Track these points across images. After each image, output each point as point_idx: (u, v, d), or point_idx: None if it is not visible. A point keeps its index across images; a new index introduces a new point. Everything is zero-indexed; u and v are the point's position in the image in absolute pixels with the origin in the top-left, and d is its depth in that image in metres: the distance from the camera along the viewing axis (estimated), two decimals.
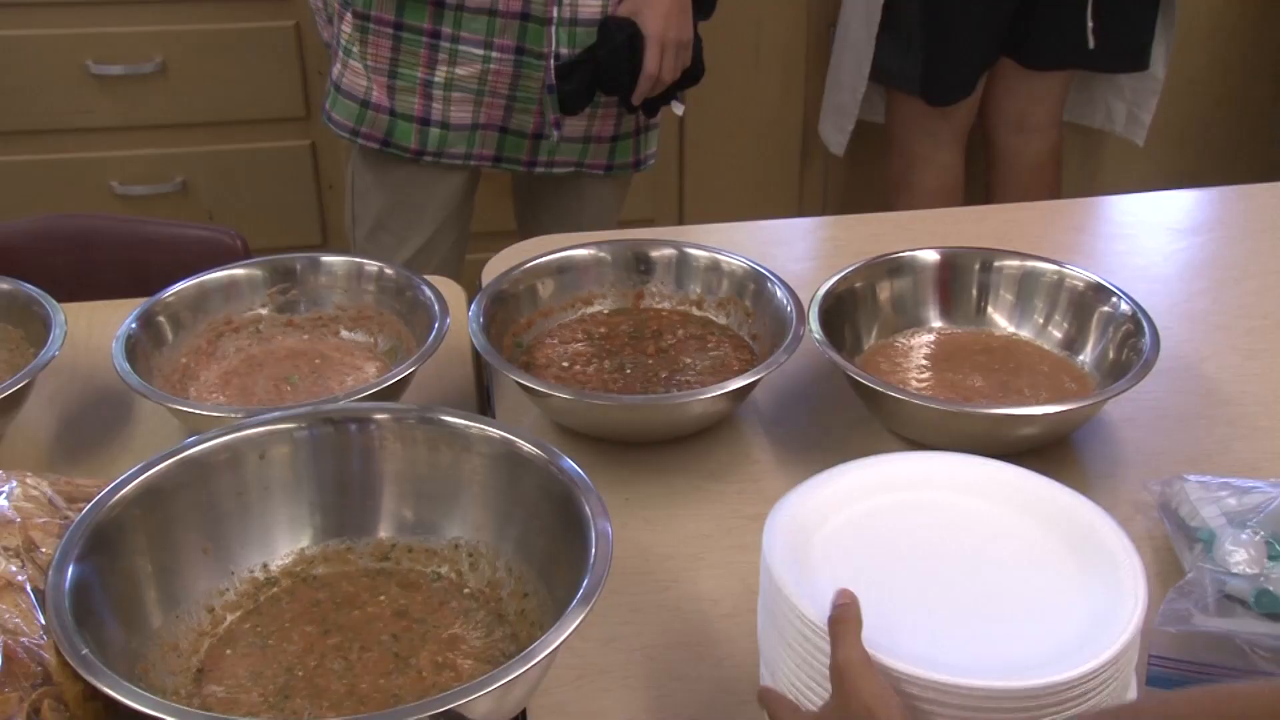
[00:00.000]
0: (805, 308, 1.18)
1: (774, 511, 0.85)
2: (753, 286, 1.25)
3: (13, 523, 0.84)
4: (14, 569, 0.80)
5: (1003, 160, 2.42)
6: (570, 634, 0.80)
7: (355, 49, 1.67)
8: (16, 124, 2.36)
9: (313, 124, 2.47)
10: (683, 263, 1.29)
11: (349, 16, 1.65)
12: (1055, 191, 2.42)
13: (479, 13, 1.60)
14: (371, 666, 0.90)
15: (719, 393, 1.11)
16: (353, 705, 0.87)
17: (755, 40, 2.50)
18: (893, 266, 1.26)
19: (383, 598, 0.96)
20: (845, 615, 0.74)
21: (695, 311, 1.29)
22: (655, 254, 1.30)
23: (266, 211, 2.50)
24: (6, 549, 0.82)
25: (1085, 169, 2.74)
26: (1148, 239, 1.56)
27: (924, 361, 1.22)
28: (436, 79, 1.64)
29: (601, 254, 1.30)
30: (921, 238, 1.32)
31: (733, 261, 1.27)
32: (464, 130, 1.68)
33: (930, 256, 1.27)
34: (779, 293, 1.22)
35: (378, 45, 1.65)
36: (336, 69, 1.71)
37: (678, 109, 1.72)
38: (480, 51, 1.62)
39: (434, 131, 1.68)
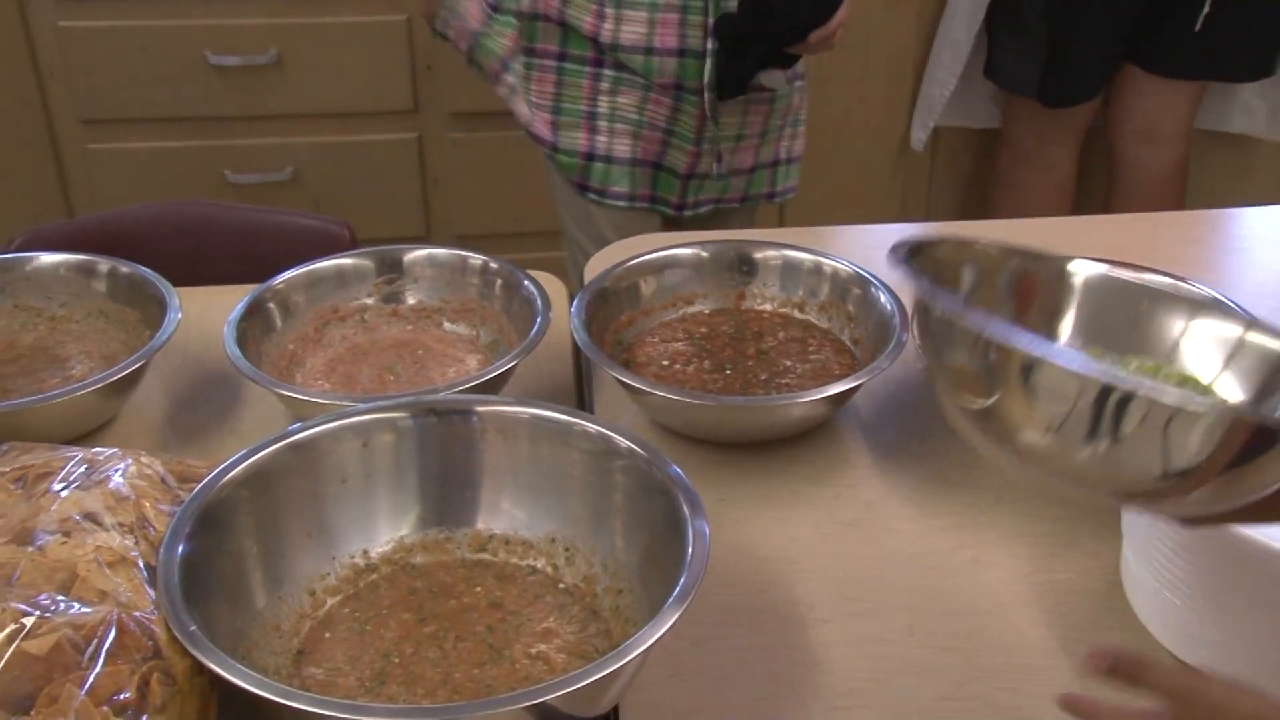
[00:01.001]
0: (909, 313, 1.17)
1: None
2: (856, 290, 1.24)
3: (128, 500, 0.87)
4: (128, 544, 0.82)
5: (1127, 171, 2.35)
6: (664, 633, 0.80)
7: (521, 86, 1.71)
8: (137, 113, 2.43)
9: (420, 117, 2.50)
10: (786, 265, 1.28)
11: (520, 55, 1.68)
12: (1179, 206, 2.36)
13: (634, 52, 1.63)
14: (466, 656, 0.91)
15: (819, 396, 1.10)
16: (446, 694, 0.88)
17: (864, 44, 2.48)
18: None
19: (479, 589, 0.97)
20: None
21: (797, 314, 1.28)
22: (758, 255, 1.29)
23: (371, 202, 2.54)
24: (121, 524, 0.84)
25: (1222, 178, 2.65)
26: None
27: None
28: (600, 109, 1.68)
29: (704, 254, 1.29)
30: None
31: (836, 264, 1.26)
32: (624, 165, 1.71)
33: None
34: (883, 297, 1.21)
35: (541, 81, 1.70)
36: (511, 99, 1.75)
37: (777, 81, 1.68)
38: (641, 79, 1.65)
39: (598, 167, 1.71)
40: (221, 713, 0.83)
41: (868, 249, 1.48)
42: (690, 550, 0.85)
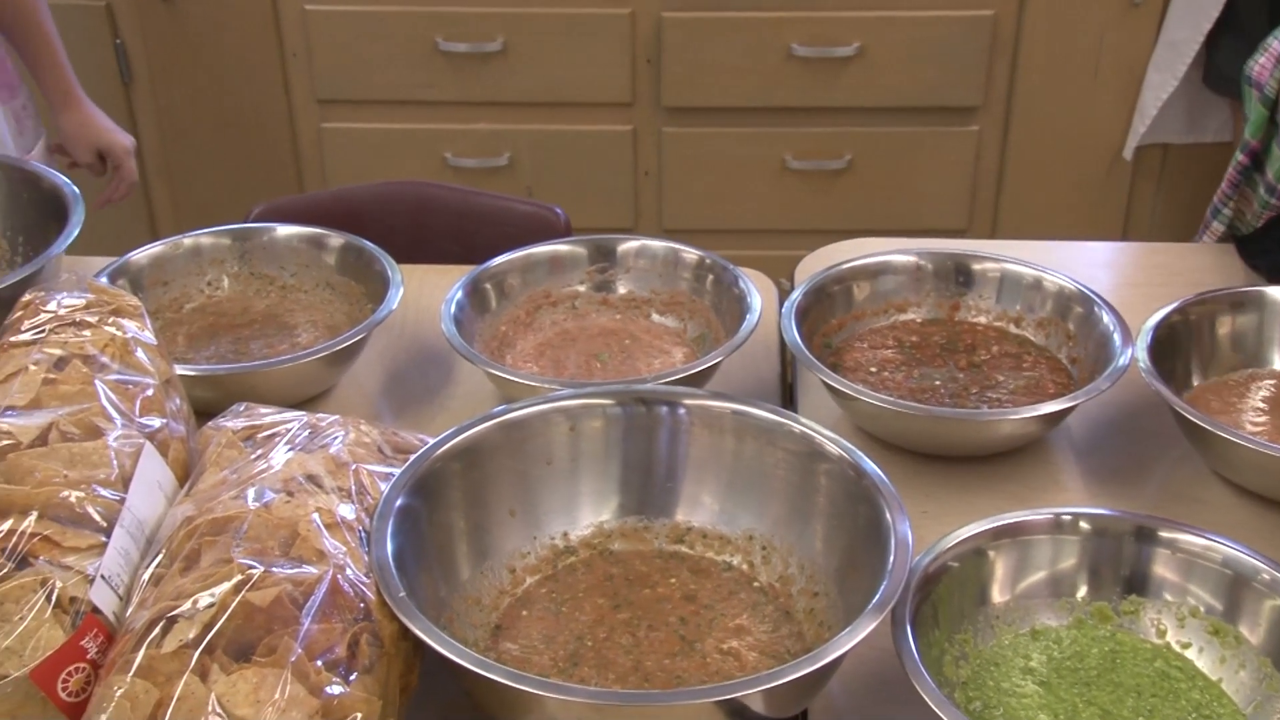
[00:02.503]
0: (1133, 335, 1.13)
1: None
2: (1078, 309, 1.20)
3: (346, 466, 0.90)
4: (346, 508, 0.86)
5: None
6: (861, 640, 0.79)
7: None
8: (368, 94, 2.52)
9: (636, 110, 2.53)
10: (1005, 278, 1.25)
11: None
12: None
13: None
14: (658, 646, 0.92)
15: (1033, 414, 1.07)
16: (637, 681, 0.89)
17: (1095, 54, 2.40)
18: (1236, 300, 1.19)
19: (673, 580, 0.98)
20: None
21: (1013, 329, 1.25)
22: (976, 267, 1.26)
23: (582, 192, 2.57)
24: (340, 489, 0.87)
25: None
26: None
27: (1261, 404, 1.14)
28: None
29: (921, 262, 1.27)
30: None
31: (1058, 281, 1.23)
32: None
33: None
34: (1105, 317, 1.17)
35: None
36: None
37: None
38: None
39: None
40: (422, 678, 0.85)
41: (1090, 266, 1.43)
42: (892, 559, 0.84)
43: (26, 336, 0.94)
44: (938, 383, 1.18)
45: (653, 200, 2.63)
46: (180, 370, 1.04)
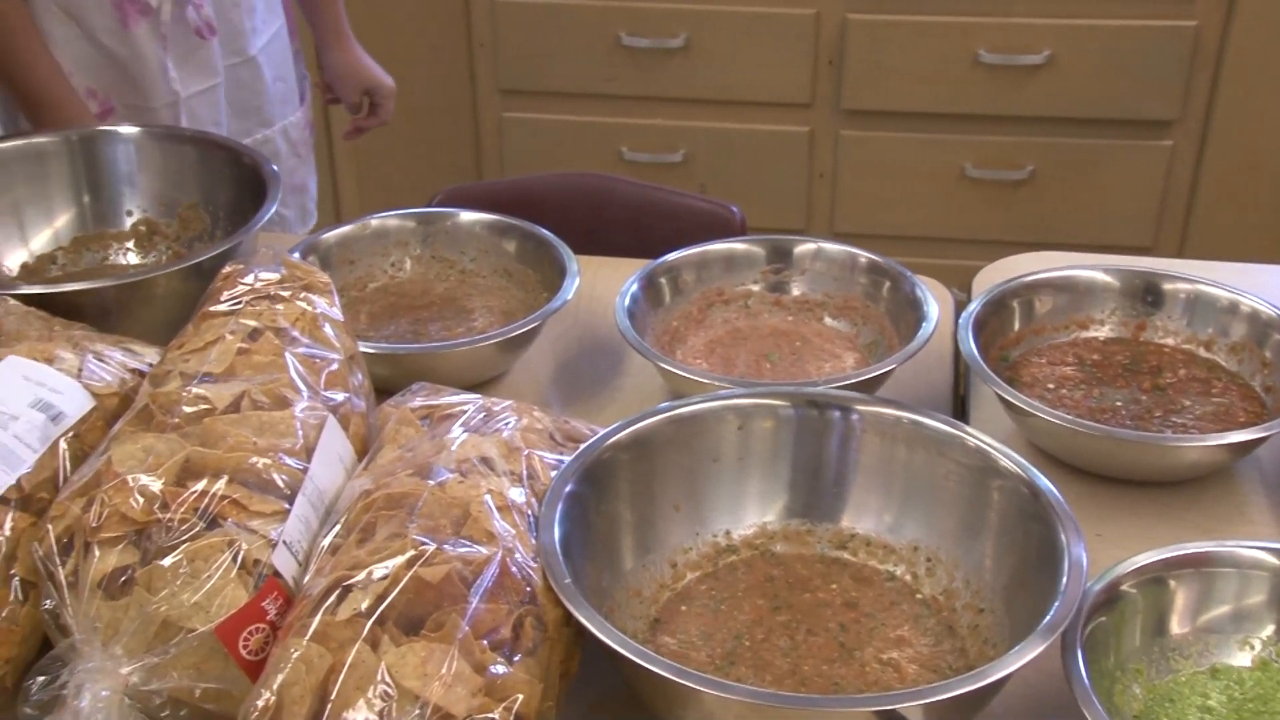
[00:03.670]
0: None
1: None
2: (1276, 335, 1.15)
3: (519, 451, 0.91)
4: (517, 492, 0.87)
5: None
6: (1028, 662, 0.77)
7: None
8: (550, 86, 2.56)
9: (814, 112, 2.51)
10: (1197, 299, 1.20)
11: None
12: None
13: None
14: (816, 651, 0.91)
15: (1222, 442, 1.03)
16: (793, 684, 0.88)
17: None
18: None
19: (834, 586, 0.97)
20: None
21: (1202, 353, 1.20)
22: (1167, 286, 1.22)
23: (756, 191, 2.57)
24: (511, 473, 0.89)
25: None
26: None
27: None
28: None
29: (1108, 279, 1.23)
30: None
31: (1255, 304, 1.17)
32: None
33: None
34: None
35: None
36: None
37: None
38: None
39: None
40: (581, 665, 0.86)
41: None
42: (1065, 580, 0.82)
43: (224, 307, 0.98)
44: (1119, 403, 1.14)
45: (826, 203, 2.61)
46: (363, 347, 1.07)
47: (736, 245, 1.32)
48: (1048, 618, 0.79)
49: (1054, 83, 2.39)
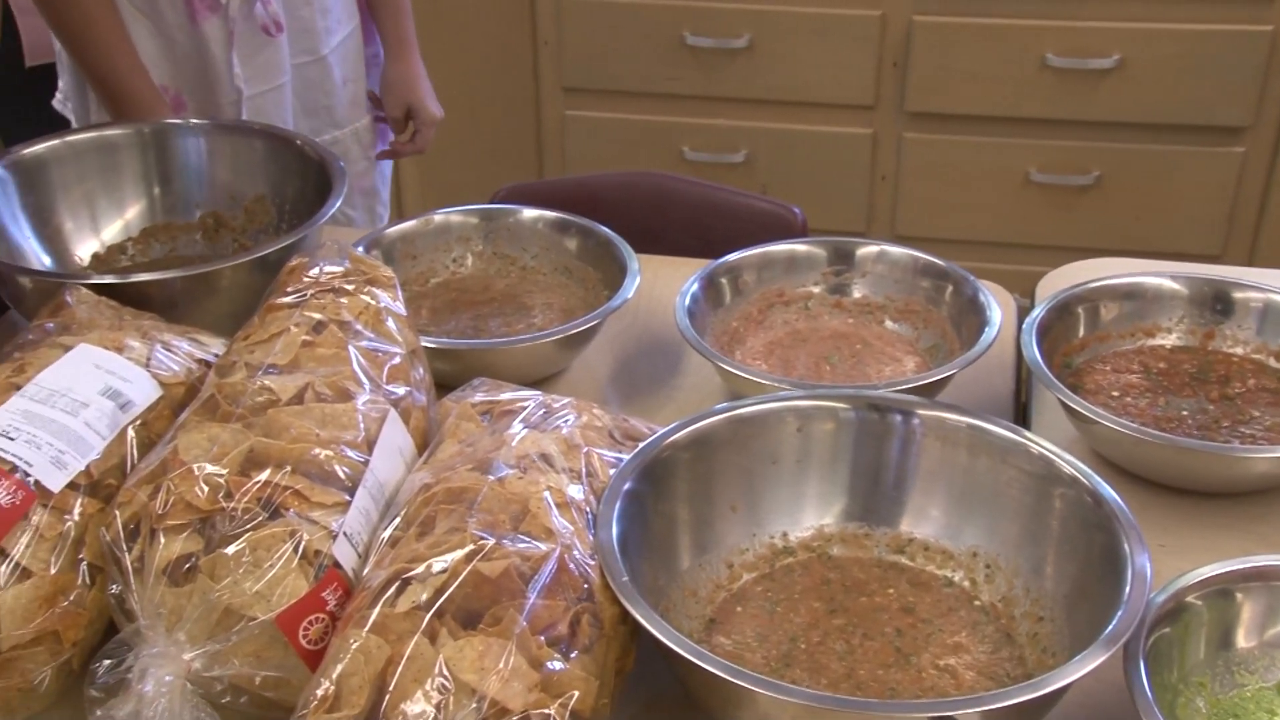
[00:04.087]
0: None
1: None
2: None
3: (578, 448, 0.92)
4: (575, 489, 0.87)
5: None
6: (1088, 672, 0.76)
7: None
8: (612, 84, 2.56)
9: (878, 114, 2.50)
10: (1269, 308, 1.18)
11: None
12: None
13: None
14: (872, 655, 0.91)
15: None
16: (849, 689, 0.88)
17: None
18: None
19: (891, 590, 0.96)
20: None
21: (1272, 363, 1.18)
22: (1238, 295, 1.20)
23: (816, 192, 2.56)
24: (570, 470, 0.89)
25: None
26: None
27: None
28: None
29: (1176, 286, 1.21)
30: None
31: None
32: None
33: None
34: None
35: None
36: None
37: None
38: None
39: None
40: (636, 664, 0.86)
41: None
42: (1128, 590, 0.81)
43: (289, 299, 0.99)
44: (1185, 413, 1.13)
45: (887, 205, 2.60)
46: (424, 342, 1.08)
47: (798, 246, 1.31)
48: (1110, 627, 0.78)
49: (1123, 87, 2.36)
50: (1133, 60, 2.33)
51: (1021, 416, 1.23)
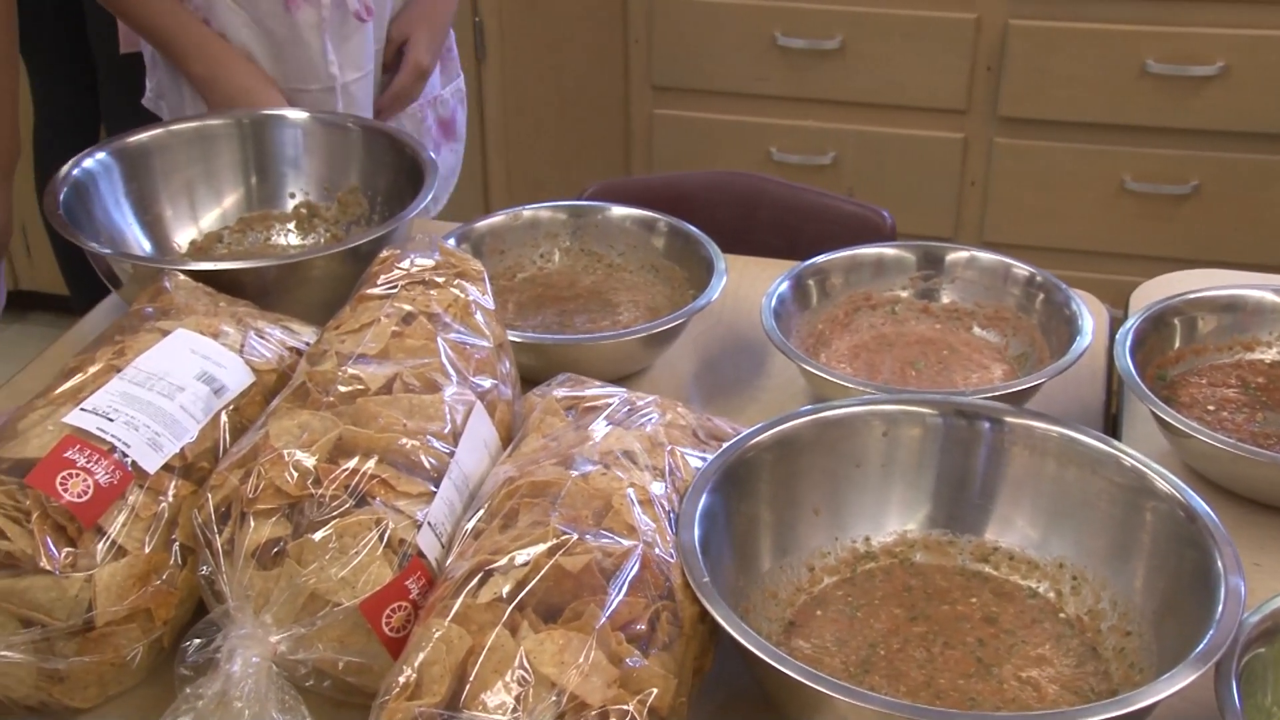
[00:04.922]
0: None
1: None
2: None
3: (662, 446, 0.92)
4: (658, 487, 0.87)
5: None
6: (1177, 691, 0.75)
7: None
8: (698, 83, 2.56)
9: (969, 119, 2.47)
10: None
11: None
12: None
13: None
14: (953, 664, 0.90)
15: None
16: (928, 697, 0.87)
17: None
18: None
19: (974, 600, 0.95)
20: None
21: None
22: None
23: (904, 196, 2.54)
24: (654, 468, 0.89)
25: None
26: None
27: None
28: None
29: (1277, 299, 1.18)
30: None
31: None
32: None
33: None
34: None
35: None
36: None
37: None
38: None
39: None
40: (715, 664, 0.86)
41: None
42: (1221, 608, 0.79)
43: (380, 290, 1.00)
44: None
45: (976, 211, 2.57)
46: (510, 336, 1.09)
47: (887, 250, 1.30)
48: (1201, 646, 0.77)
49: (1226, 95, 2.30)
50: (1237, 67, 2.28)
51: (1111, 429, 1.20)
